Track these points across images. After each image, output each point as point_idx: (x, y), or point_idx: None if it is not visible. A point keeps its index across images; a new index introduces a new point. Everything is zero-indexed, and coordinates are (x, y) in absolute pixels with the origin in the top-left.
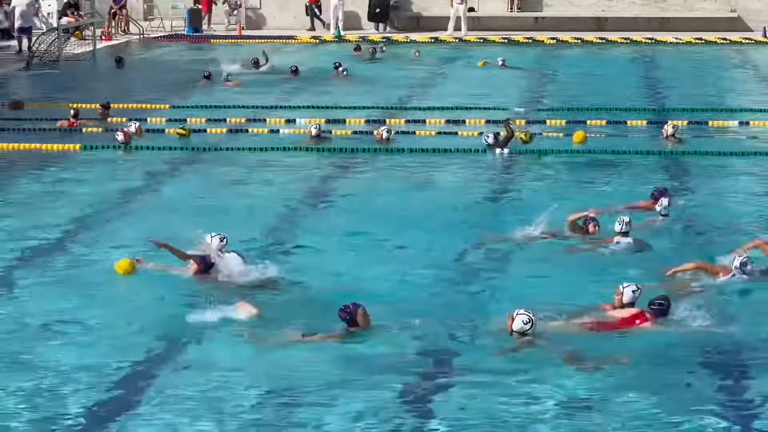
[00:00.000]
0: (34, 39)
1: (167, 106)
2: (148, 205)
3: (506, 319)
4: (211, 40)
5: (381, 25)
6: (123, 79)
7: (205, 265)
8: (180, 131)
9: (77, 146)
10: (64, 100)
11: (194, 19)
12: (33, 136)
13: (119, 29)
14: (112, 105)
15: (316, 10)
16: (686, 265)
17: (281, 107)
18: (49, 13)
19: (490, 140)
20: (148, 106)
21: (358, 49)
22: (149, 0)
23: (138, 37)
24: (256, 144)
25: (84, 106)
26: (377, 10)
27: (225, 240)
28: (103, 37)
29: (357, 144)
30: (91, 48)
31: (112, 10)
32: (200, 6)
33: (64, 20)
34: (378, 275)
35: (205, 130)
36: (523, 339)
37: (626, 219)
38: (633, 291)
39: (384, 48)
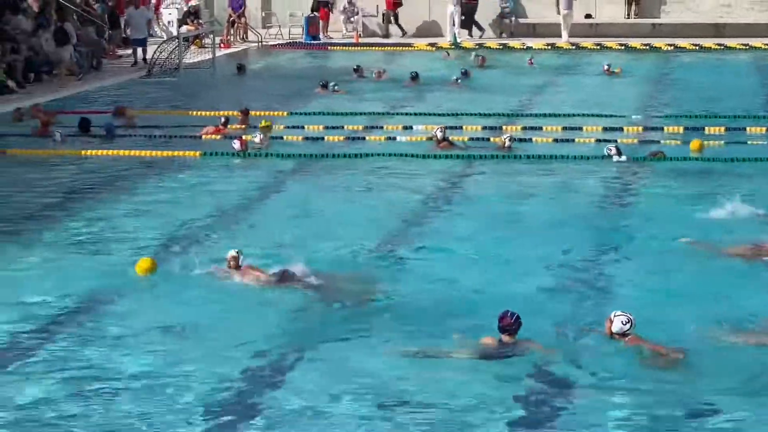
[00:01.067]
0: (155, 47)
1: (286, 113)
2: (265, 212)
3: (604, 322)
4: (329, 48)
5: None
6: (241, 87)
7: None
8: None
9: (197, 153)
10: (185, 108)
11: (312, 26)
12: (153, 143)
13: (238, 37)
14: (231, 112)
15: (392, 17)
16: None
17: (399, 114)
18: (169, 22)
19: (613, 153)
20: (267, 113)
21: (480, 60)
22: (267, 8)
23: (256, 44)
24: (374, 151)
25: (205, 113)
26: (462, 17)
27: (239, 256)
28: (222, 45)
29: (474, 151)
30: (211, 56)
31: (231, 18)
32: (318, 14)
33: (184, 29)
34: (496, 283)
35: (322, 138)
36: (626, 339)
37: None
38: None
39: (483, 55)
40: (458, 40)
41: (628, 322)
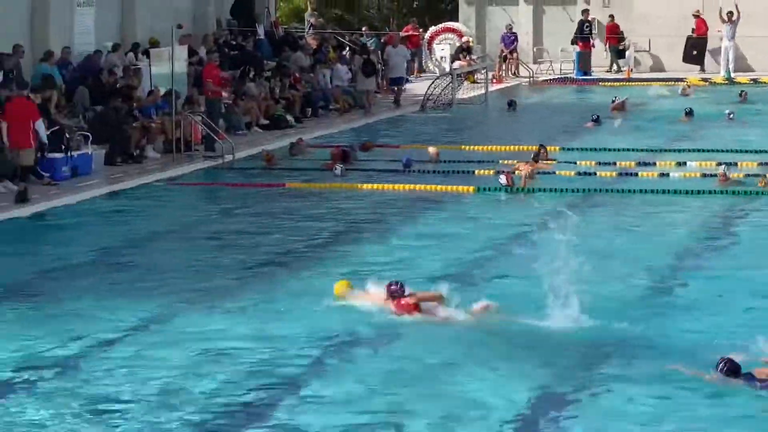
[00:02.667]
0: (429, 83)
1: (557, 148)
2: (532, 247)
3: None
4: (600, 83)
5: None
6: (512, 122)
7: None
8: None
9: (471, 188)
10: (457, 142)
11: (583, 61)
12: (430, 178)
13: (509, 72)
14: (504, 147)
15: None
16: None
17: (670, 150)
18: (442, 57)
19: None
20: (535, 148)
21: (742, 95)
22: (539, 43)
23: (528, 80)
24: (646, 187)
25: (478, 148)
26: (694, 52)
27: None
28: (494, 81)
29: (752, 187)
30: (483, 91)
31: (503, 54)
32: (588, 49)
33: (457, 64)
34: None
35: (594, 173)
36: None
37: None
38: None
39: (746, 91)
40: (731, 75)
41: None
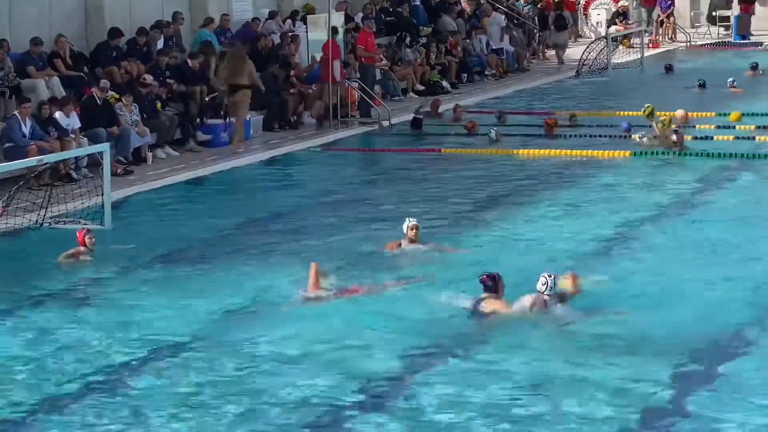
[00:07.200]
0: (584, 48)
1: (713, 113)
2: (692, 215)
3: None
4: (758, 47)
5: None
6: (668, 86)
7: None
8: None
9: (627, 153)
10: (612, 108)
11: (742, 26)
12: (581, 143)
13: (666, 37)
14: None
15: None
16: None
17: None
18: (597, 22)
19: None
20: (693, 114)
21: None
22: (696, 7)
23: (684, 44)
24: None
25: (631, 113)
26: None
27: (415, 229)
28: (650, 45)
29: None
30: (639, 56)
31: (660, 18)
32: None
33: (613, 29)
34: None
35: (753, 138)
36: None
37: None
38: None
39: None
40: None
41: None
